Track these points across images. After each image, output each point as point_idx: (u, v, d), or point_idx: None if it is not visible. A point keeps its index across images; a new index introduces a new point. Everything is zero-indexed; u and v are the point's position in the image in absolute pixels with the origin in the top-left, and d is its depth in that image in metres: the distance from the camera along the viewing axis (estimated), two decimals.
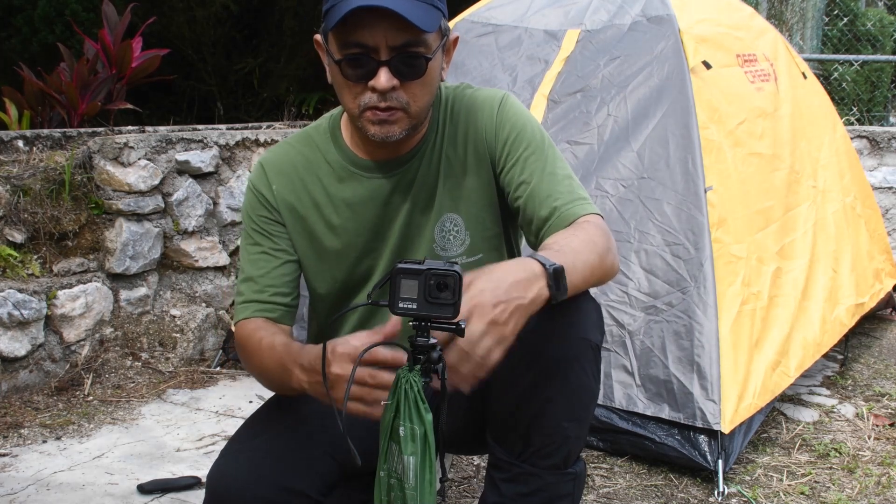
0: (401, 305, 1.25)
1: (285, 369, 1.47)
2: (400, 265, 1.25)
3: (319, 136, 1.70)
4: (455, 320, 1.25)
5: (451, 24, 3.30)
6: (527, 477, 1.52)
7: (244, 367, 1.67)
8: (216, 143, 3.68)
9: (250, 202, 1.70)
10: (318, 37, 1.60)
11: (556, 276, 1.35)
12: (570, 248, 1.43)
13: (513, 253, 1.77)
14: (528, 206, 1.59)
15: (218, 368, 3.45)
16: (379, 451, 1.31)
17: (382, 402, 1.30)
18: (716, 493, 2.39)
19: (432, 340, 1.27)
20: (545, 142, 1.64)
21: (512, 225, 1.74)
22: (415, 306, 1.24)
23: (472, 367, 1.30)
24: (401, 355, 1.30)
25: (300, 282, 1.72)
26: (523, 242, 1.78)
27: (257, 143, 3.87)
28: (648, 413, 2.50)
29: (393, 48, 1.47)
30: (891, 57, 6.98)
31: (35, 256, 3.18)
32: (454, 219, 1.67)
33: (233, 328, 1.56)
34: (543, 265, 1.35)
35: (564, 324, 1.44)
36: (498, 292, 1.30)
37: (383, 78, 1.47)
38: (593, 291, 1.54)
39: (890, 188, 4.88)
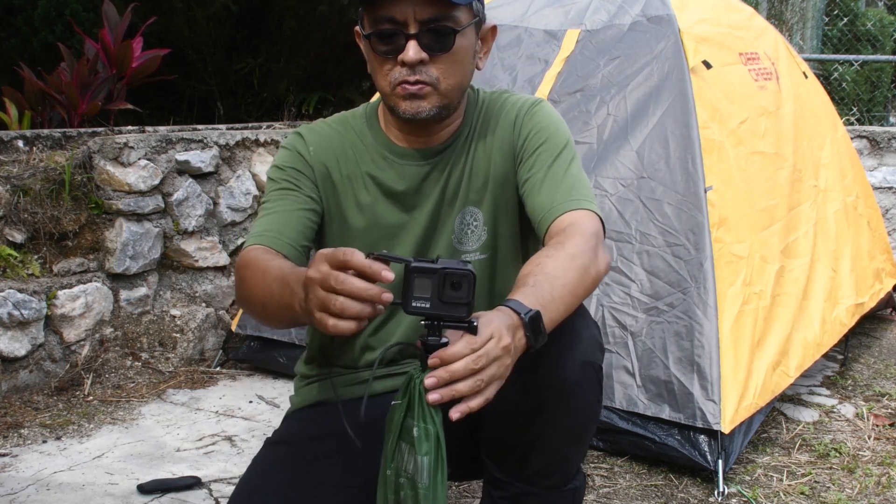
0: (414, 304, 1.24)
1: (288, 286, 1.35)
2: (413, 264, 1.24)
3: (356, 120, 1.72)
4: (467, 319, 1.24)
5: None
6: (525, 497, 1.51)
7: (239, 295, 1.55)
8: (216, 143, 3.68)
9: (283, 157, 1.65)
10: (357, 27, 1.61)
11: (532, 323, 1.28)
12: (545, 277, 1.36)
13: (527, 254, 1.76)
14: (528, 199, 1.61)
15: (218, 368, 3.45)
16: (385, 450, 1.31)
17: (393, 402, 1.29)
18: (716, 493, 2.39)
19: (444, 340, 1.26)
20: (566, 144, 1.64)
21: (529, 226, 1.74)
22: (428, 305, 1.23)
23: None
24: (378, 267, 1.18)
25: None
26: None
27: (257, 143, 3.87)
28: (649, 413, 2.50)
29: (421, 21, 1.49)
30: (891, 57, 6.98)
31: (35, 256, 3.18)
32: (475, 213, 1.68)
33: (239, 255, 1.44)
34: (518, 313, 1.28)
35: (565, 348, 1.42)
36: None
37: (411, 51, 1.49)
38: (596, 292, 1.53)
39: (890, 188, 4.88)
